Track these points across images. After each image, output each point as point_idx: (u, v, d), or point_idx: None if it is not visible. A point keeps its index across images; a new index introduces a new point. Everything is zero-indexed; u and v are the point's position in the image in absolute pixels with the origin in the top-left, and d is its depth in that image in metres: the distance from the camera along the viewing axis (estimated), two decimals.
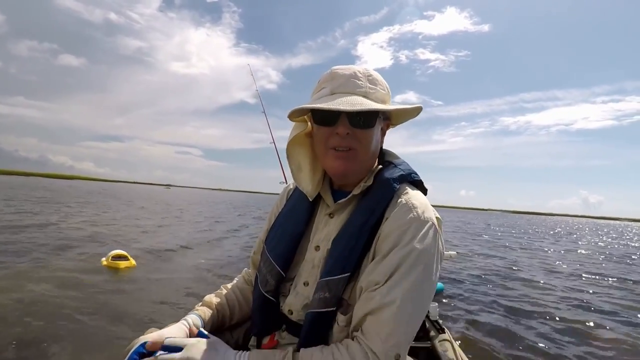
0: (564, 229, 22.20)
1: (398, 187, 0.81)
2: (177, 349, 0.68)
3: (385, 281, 0.70)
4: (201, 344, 0.69)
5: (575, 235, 18.60)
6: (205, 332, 0.74)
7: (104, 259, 4.48)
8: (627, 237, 20.51)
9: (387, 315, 0.68)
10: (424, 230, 0.73)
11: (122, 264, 4.39)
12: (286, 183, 2.50)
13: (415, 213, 0.75)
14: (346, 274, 0.75)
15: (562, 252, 9.83)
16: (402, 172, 0.84)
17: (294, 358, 0.70)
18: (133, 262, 4.54)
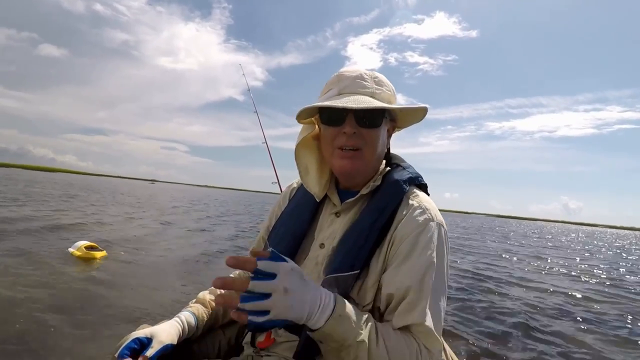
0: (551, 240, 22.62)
1: (407, 188, 0.84)
2: (270, 274, 0.59)
3: (418, 287, 0.72)
4: (294, 273, 0.61)
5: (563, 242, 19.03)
6: (282, 256, 0.63)
7: (72, 250, 4.36)
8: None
9: (430, 321, 0.70)
10: (438, 232, 0.77)
11: (98, 254, 4.34)
12: (279, 183, 2.51)
13: (429, 215, 0.79)
14: (355, 272, 0.76)
15: (547, 255, 10.06)
16: (410, 175, 0.87)
17: (376, 326, 0.68)
18: (104, 252, 4.51)
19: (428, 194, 0.90)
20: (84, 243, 4.44)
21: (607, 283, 6.21)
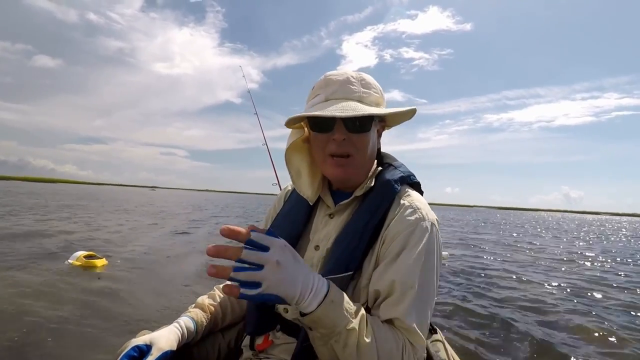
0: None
1: (399, 188, 0.84)
2: (263, 247, 0.58)
3: (404, 284, 0.71)
4: (287, 250, 0.62)
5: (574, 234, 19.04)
6: (276, 234, 0.62)
7: (71, 260, 4.34)
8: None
9: (413, 318, 0.70)
10: (429, 231, 0.77)
11: (99, 262, 4.35)
12: (279, 184, 2.50)
13: (420, 214, 0.78)
14: (349, 273, 0.76)
15: (553, 247, 10.07)
16: (402, 174, 0.87)
17: (366, 317, 0.68)
18: (104, 260, 4.51)
19: (421, 192, 0.91)
20: (82, 253, 4.43)
21: (606, 271, 6.22)
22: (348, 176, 0.83)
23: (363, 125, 0.80)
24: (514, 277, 5.30)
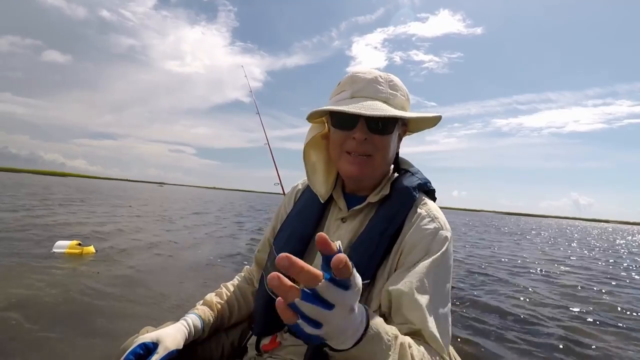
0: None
1: (417, 196, 0.83)
2: (345, 285, 0.42)
3: (420, 291, 0.70)
4: (359, 296, 0.51)
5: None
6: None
7: (57, 250, 4.27)
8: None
9: (433, 326, 0.69)
10: (447, 242, 0.77)
11: (91, 249, 4.41)
12: (281, 184, 2.49)
13: (438, 223, 0.78)
14: (366, 281, 0.75)
15: (559, 252, 9.93)
16: (419, 181, 0.86)
17: (407, 345, 0.62)
18: (93, 248, 4.54)
19: (435, 198, 0.89)
20: (69, 242, 4.39)
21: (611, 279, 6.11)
22: (363, 175, 0.81)
23: (386, 126, 0.78)
24: (515, 276, 5.21)
